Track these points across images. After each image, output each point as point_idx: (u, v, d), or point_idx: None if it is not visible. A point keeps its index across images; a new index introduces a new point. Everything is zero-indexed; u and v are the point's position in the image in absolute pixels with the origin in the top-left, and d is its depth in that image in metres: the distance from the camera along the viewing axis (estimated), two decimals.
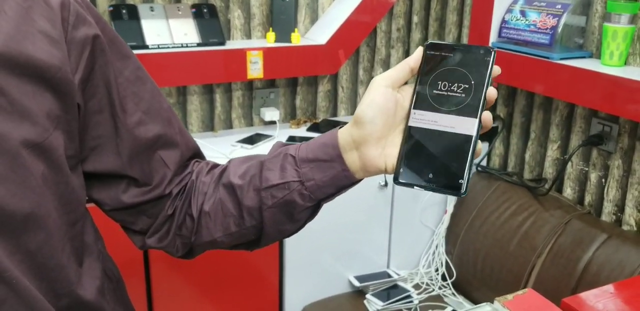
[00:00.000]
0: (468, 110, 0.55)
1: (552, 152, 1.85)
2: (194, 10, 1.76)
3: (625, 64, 1.56)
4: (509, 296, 0.78)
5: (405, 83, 0.62)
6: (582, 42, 1.69)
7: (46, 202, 0.57)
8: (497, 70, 0.57)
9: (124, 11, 1.68)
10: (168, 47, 1.69)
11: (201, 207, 0.69)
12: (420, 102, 0.58)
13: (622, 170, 1.65)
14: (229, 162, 0.71)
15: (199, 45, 1.73)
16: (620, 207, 1.67)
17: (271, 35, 1.83)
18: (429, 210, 2.02)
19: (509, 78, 1.80)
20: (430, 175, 0.56)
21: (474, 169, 2.03)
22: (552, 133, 1.84)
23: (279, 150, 0.66)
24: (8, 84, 0.54)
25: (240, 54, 1.74)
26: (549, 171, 1.87)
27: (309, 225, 0.68)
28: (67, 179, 0.60)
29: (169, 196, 0.69)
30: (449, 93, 0.57)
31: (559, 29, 1.62)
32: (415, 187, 0.56)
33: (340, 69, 2.00)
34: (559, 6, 1.64)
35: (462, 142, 0.55)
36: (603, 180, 1.71)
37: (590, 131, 1.71)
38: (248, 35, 1.91)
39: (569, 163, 1.79)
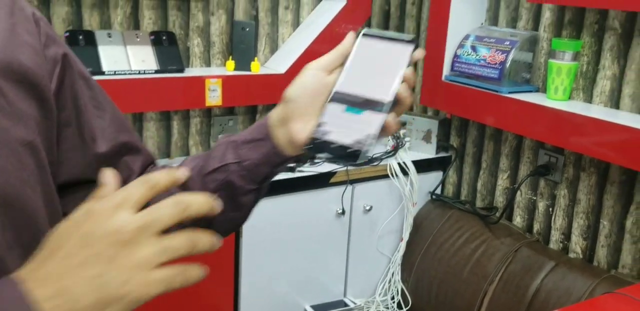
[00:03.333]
0: (385, 87, 0.62)
1: (503, 181, 1.91)
2: (152, 37, 1.77)
3: (569, 98, 1.64)
4: None
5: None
6: (529, 77, 1.77)
7: (37, 198, 0.61)
8: (417, 55, 0.64)
9: (80, 37, 1.67)
10: (125, 74, 1.69)
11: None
12: (345, 78, 0.64)
13: (568, 200, 1.71)
14: (184, 161, 0.76)
15: (157, 72, 1.73)
16: (567, 235, 1.73)
17: (231, 63, 1.85)
18: (386, 238, 2.04)
19: (461, 110, 1.87)
20: (334, 145, 0.62)
21: (428, 197, 2.07)
22: (502, 163, 1.90)
23: (224, 139, 0.73)
24: (5, 87, 0.59)
25: (199, 82, 1.75)
26: (500, 200, 1.93)
27: (266, 252, 0.71)
28: (49, 181, 0.64)
29: None
30: (372, 71, 0.63)
31: (508, 64, 1.69)
32: (320, 155, 0.62)
33: None
34: (507, 43, 1.71)
35: (374, 108, 0.61)
36: (550, 209, 1.77)
37: (537, 162, 1.78)
38: (208, 63, 1.92)
39: (518, 193, 1.85)
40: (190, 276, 0.47)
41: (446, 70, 1.87)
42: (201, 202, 0.48)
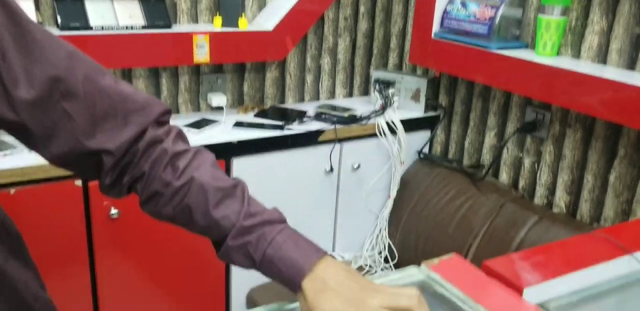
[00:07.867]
0: None
1: (490, 139, 1.93)
2: None
3: (557, 54, 1.65)
4: (435, 261, 0.82)
5: None
6: (518, 33, 1.76)
7: None
8: None
9: None
10: (112, 29, 1.67)
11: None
12: None
13: (554, 156, 1.73)
14: (197, 170, 0.72)
15: (144, 27, 1.72)
16: (552, 191, 1.76)
17: (218, 19, 1.84)
18: (374, 196, 2.07)
19: (450, 68, 1.87)
20: None
21: (416, 156, 2.09)
22: (490, 121, 1.91)
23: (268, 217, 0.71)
24: None
25: (187, 38, 1.74)
26: (487, 157, 1.95)
27: None
28: None
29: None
30: None
31: (497, 20, 1.69)
32: None
33: (288, 56, 2.02)
34: None
35: None
36: (536, 165, 1.80)
37: (525, 118, 1.80)
38: (195, 20, 1.90)
39: (505, 150, 1.87)
40: None
41: (436, 27, 1.86)
42: None
